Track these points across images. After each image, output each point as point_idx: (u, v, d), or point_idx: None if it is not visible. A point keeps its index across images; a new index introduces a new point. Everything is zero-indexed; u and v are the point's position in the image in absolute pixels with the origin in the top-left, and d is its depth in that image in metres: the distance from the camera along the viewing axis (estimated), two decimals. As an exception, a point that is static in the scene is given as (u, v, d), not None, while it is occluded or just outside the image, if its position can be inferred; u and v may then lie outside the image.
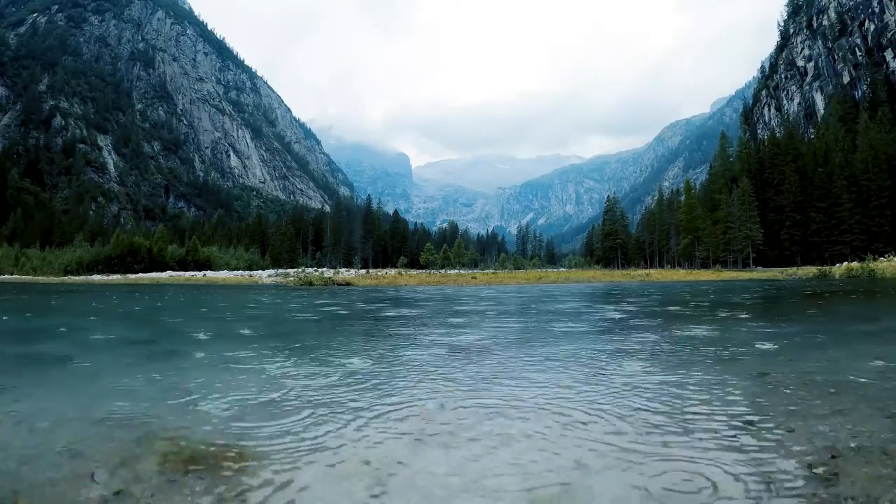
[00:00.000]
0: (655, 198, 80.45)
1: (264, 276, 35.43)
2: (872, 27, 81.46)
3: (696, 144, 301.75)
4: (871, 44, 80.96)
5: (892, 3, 77.66)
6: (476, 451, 1.65)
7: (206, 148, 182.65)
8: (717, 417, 1.98)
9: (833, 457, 1.54)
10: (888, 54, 77.29)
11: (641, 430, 1.84)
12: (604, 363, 3.26)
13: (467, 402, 2.30)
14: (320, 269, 42.20)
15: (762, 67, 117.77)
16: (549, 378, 2.81)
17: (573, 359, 3.46)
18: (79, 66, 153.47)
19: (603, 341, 4.41)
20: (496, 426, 1.92)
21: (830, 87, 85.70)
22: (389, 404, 2.26)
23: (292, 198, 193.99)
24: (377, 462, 1.55)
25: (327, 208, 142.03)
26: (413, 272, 41.70)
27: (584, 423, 1.93)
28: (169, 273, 41.91)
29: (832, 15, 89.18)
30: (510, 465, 1.53)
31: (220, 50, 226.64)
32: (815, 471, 1.44)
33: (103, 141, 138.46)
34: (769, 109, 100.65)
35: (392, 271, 42.36)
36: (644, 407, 2.15)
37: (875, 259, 25.72)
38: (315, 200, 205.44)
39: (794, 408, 2.10)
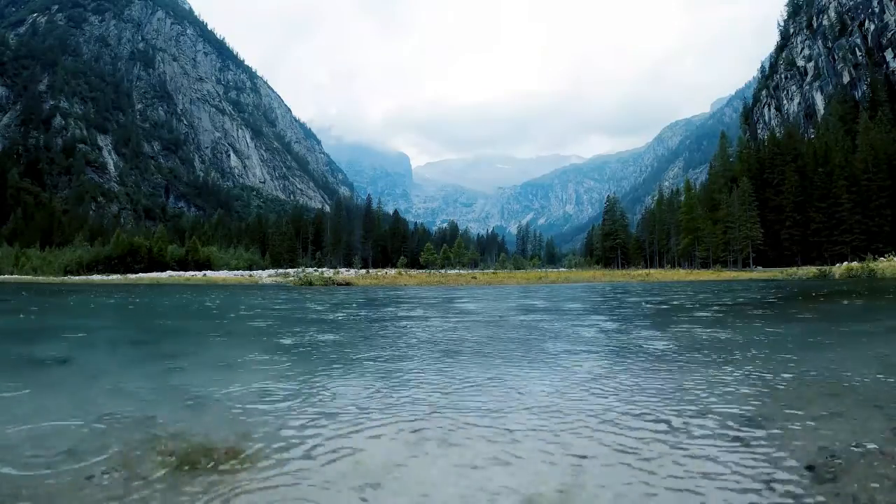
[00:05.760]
0: (655, 198, 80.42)
1: (264, 275, 35.41)
2: (872, 27, 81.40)
3: (696, 144, 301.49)
4: (871, 44, 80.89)
5: (892, 3, 77.60)
6: (474, 451, 1.65)
7: (206, 148, 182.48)
8: (716, 417, 1.98)
9: (833, 457, 1.54)
10: (888, 54, 77.22)
11: (641, 430, 1.84)
12: (604, 363, 3.26)
13: (466, 402, 2.30)
14: (320, 269, 42.17)
15: (762, 67, 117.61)
16: (549, 378, 2.81)
17: (575, 359, 3.46)
18: (79, 66, 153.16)
19: (606, 340, 4.41)
20: (494, 427, 1.92)
21: (830, 87, 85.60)
22: (388, 405, 2.26)
23: (292, 198, 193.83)
24: (376, 462, 1.55)
25: (327, 208, 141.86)
26: (413, 272, 41.68)
27: (583, 423, 1.94)
28: (169, 273, 41.87)
29: (832, 15, 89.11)
30: (509, 465, 1.53)
31: (220, 50, 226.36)
32: (815, 471, 1.44)
33: (103, 141, 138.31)
34: (769, 109, 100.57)
35: (392, 271, 42.34)
36: (644, 407, 2.15)
37: (875, 259, 25.67)
38: (315, 200, 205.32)
39: (793, 408, 2.10)
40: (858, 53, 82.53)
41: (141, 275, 39.89)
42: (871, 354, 3.39)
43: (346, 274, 31.45)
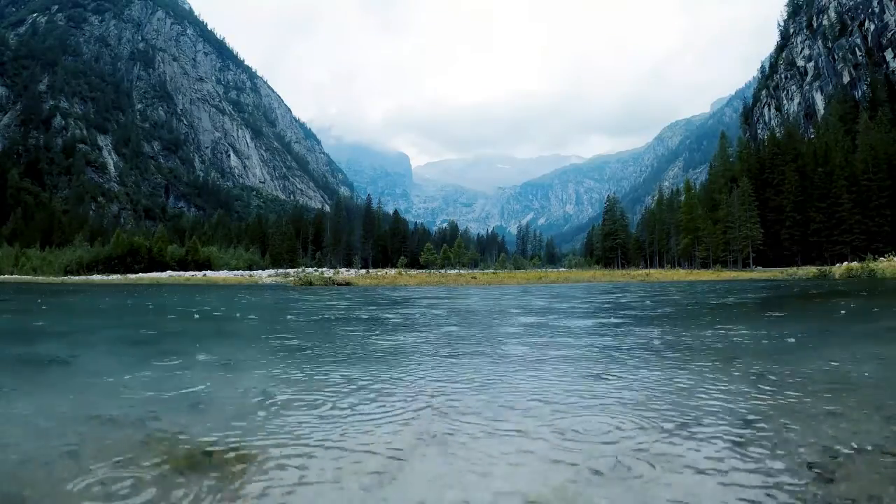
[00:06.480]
0: (655, 198, 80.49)
1: (264, 275, 35.44)
2: (872, 27, 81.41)
3: (696, 144, 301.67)
4: (871, 44, 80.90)
5: (892, 3, 77.61)
6: (475, 451, 1.65)
7: (206, 148, 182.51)
8: (716, 417, 1.98)
9: (833, 457, 1.54)
10: (888, 54, 77.23)
11: (641, 429, 1.84)
12: (604, 363, 3.26)
13: (467, 401, 2.30)
14: (320, 269, 42.17)
15: (762, 67, 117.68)
16: (549, 378, 2.81)
17: (575, 358, 3.46)
18: (79, 66, 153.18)
19: (606, 340, 4.41)
20: (496, 426, 1.92)
21: (830, 87, 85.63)
22: (389, 405, 2.26)
23: (292, 198, 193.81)
24: (377, 462, 1.55)
25: (327, 208, 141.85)
26: (413, 272, 41.68)
27: (584, 423, 1.94)
28: (169, 273, 41.88)
29: (832, 15, 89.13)
30: (509, 465, 1.53)
31: (220, 50, 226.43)
32: (815, 471, 1.44)
33: (103, 141, 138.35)
34: (769, 109, 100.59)
35: (392, 271, 42.34)
36: (643, 406, 2.15)
37: (875, 259, 25.68)
38: (315, 200, 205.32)
39: (793, 408, 2.10)
40: (858, 53, 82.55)
41: (141, 275, 39.89)
42: (871, 354, 3.38)
43: (346, 274, 31.45)
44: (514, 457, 1.60)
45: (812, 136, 69.81)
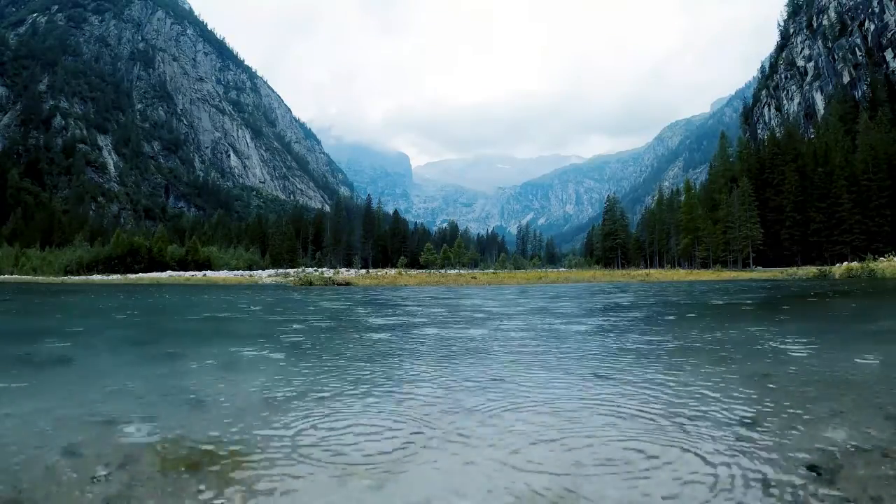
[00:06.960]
0: (655, 198, 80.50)
1: (264, 275, 35.44)
2: (872, 27, 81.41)
3: (696, 144, 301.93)
4: (871, 44, 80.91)
5: (892, 3, 77.60)
6: (475, 451, 1.65)
7: (206, 148, 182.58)
8: (717, 417, 1.98)
9: (833, 457, 1.54)
10: (888, 54, 77.22)
11: (641, 430, 1.84)
12: (602, 363, 3.26)
13: (467, 402, 2.30)
14: (320, 269, 42.17)
15: (762, 67, 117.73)
16: (549, 378, 2.81)
17: (574, 359, 3.46)
18: (79, 66, 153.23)
19: (606, 340, 4.41)
20: (495, 426, 1.92)
21: (830, 87, 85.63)
22: (388, 405, 2.26)
23: (292, 198, 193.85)
24: (377, 462, 1.55)
25: (327, 208, 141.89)
26: (413, 272, 41.66)
27: (584, 423, 1.94)
28: (169, 273, 41.87)
29: (832, 15, 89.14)
30: (509, 465, 1.54)
31: (220, 50, 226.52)
32: (815, 471, 1.45)
33: (103, 141, 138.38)
34: (769, 109, 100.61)
35: (392, 271, 42.32)
36: (643, 407, 2.15)
37: (875, 259, 25.69)
38: (315, 200, 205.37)
39: (794, 408, 2.10)
40: (858, 53, 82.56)
41: (141, 275, 39.86)
42: (871, 354, 3.38)
43: (346, 274, 31.43)
44: (515, 456, 1.60)
45: (812, 136, 69.82)
